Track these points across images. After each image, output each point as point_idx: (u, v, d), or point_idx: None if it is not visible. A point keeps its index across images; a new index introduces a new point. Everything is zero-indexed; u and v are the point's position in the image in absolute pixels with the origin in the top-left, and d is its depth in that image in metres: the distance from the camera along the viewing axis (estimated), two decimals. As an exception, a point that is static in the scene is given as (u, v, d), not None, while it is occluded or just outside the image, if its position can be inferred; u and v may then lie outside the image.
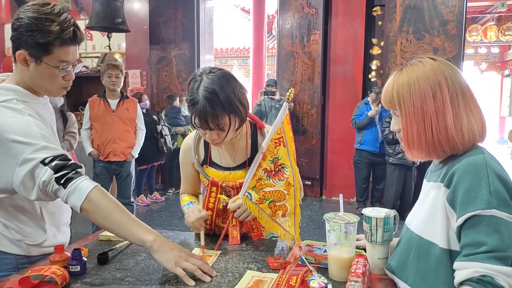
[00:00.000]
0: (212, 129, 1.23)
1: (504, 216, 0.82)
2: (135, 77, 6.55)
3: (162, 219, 4.87)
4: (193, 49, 6.49)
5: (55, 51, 1.11)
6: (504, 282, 0.79)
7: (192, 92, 1.22)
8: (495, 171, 0.85)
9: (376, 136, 4.78)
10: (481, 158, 0.88)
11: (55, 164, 1.06)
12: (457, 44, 4.80)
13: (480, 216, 0.83)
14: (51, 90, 1.20)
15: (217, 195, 1.39)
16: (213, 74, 1.23)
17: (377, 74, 5.44)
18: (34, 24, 1.08)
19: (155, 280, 1.09)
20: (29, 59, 1.12)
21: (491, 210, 0.82)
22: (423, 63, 0.95)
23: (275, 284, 1.05)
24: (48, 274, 1.02)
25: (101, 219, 1.09)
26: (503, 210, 0.82)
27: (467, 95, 0.92)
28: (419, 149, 0.94)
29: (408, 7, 4.93)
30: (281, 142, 1.32)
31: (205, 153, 1.44)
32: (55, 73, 1.14)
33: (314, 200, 5.52)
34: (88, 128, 3.73)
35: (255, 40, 9.37)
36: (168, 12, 6.47)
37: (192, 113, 1.23)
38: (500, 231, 0.81)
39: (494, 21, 10.36)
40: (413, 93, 0.92)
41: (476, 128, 0.92)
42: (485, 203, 0.82)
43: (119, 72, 3.62)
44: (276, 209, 1.32)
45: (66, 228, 1.40)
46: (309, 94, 5.63)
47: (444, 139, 0.91)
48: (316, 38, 5.53)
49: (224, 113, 1.21)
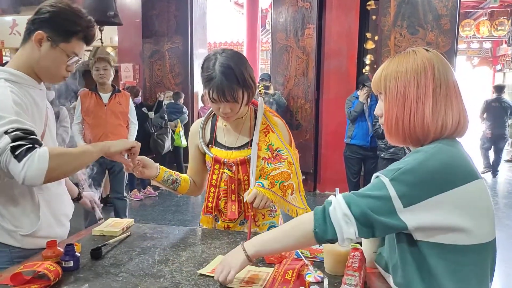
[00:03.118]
0: (228, 101, 1.33)
1: (389, 188, 0.85)
2: (127, 71, 6.49)
3: (155, 214, 4.85)
4: (186, 42, 6.44)
5: (73, 42, 1.21)
6: (332, 207, 0.90)
7: (209, 69, 1.33)
8: (429, 158, 0.86)
9: (366, 130, 4.79)
10: (429, 147, 0.90)
11: (15, 133, 1.04)
12: (451, 39, 4.82)
13: (377, 177, 0.90)
14: (54, 75, 1.25)
15: (219, 172, 1.47)
16: (226, 53, 1.36)
17: (371, 69, 5.44)
18: (68, 13, 1.20)
19: (150, 275, 1.08)
20: (46, 41, 1.19)
21: (385, 179, 0.87)
22: (415, 52, 0.96)
23: (271, 278, 1.05)
24: (41, 269, 1.00)
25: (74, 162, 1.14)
26: (393, 184, 0.85)
27: (451, 89, 0.92)
28: (396, 134, 0.95)
29: (403, 2, 4.92)
30: (269, 130, 1.46)
31: (211, 134, 1.53)
32: (65, 60, 1.22)
33: (308, 194, 5.53)
34: (79, 122, 3.67)
35: (249, 34, 9.33)
36: (161, 5, 6.41)
37: (210, 88, 1.32)
38: (376, 194, 0.87)
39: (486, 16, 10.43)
40: (399, 78, 0.94)
41: (451, 120, 0.91)
42: (388, 172, 0.88)
43: (107, 64, 3.56)
44: (286, 189, 1.40)
45: (66, 221, 1.38)
46: (303, 89, 5.62)
47: (420, 127, 0.91)
48: (310, 32, 5.51)
49: (239, 86, 1.33)
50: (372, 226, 0.87)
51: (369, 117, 4.76)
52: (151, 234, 1.42)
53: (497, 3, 8.91)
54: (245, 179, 1.44)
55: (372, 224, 0.87)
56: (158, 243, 1.32)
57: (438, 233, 0.86)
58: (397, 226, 0.86)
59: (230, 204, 1.47)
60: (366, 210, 0.86)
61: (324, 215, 0.91)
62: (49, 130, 1.31)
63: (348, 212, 0.88)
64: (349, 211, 0.88)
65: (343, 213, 0.88)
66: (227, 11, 12.83)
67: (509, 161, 8.80)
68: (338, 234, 0.89)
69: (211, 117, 1.56)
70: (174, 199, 5.42)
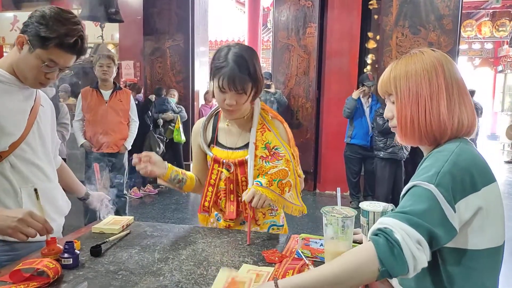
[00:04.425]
0: (237, 91, 1.32)
1: (437, 195, 0.81)
2: (128, 68, 6.48)
3: (155, 212, 4.85)
4: (188, 40, 6.42)
5: (50, 49, 1.19)
6: (401, 237, 0.76)
7: (220, 58, 1.33)
8: (458, 159, 0.85)
9: (366, 130, 4.78)
10: (453, 146, 0.88)
11: None
12: (452, 39, 4.80)
13: (418, 186, 0.84)
14: (27, 78, 1.24)
15: (218, 171, 1.46)
16: (240, 45, 1.38)
17: (372, 68, 5.43)
18: (46, 19, 1.18)
19: (149, 273, 1.07)
20: (26, 44, 1.20)
21: (430, 185, 0.82)
22: (422, 52, 0.96)
23: (271, 278, 1.05)
24: (40, 267, 1.00)
25: None
26: (440, 191, 0.81)
27: (462, 87, 0.93)
28: (412, 133, 0.94)
29: (405, 1, 4.91)
30: (265, 128, 1.45)
31: (213, 135, 1.52)
32: (39, 66, 1.20)
33: (308, 193, 5.52)
34: (80, 119, 3.67)
35: (250, 32, 9.33)
36: (162, 2, 6.39)
37: (220, 75, 1.32)
38: (427, 204, 0.80)
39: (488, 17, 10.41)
40: (410, 77, 0.93)
41: (466, 119, 0.92)
42: (428, 178, 0.83)
43: (111, 61, 3.56)
44: (283, 187, 1.39)
45: (58, 217, 1.38)
46: (304, 88, 5.61)
47: (436, 124, 0.91)
48: (312, 31, 5.50)
49: (249, 78, 1.33)
50: (433, 244, 0.79)
51: (369, 115, 4.76)
52: (151, 232, 1.41)
53: (499, 3, 8.89)
54: (242, 180, 1.44)
55: (434, 241, 0.79)
56: (158, 241, 1.32)
57: (461, 237, 0.84)
58: (453, 234, 0.82)
59: (229, 204, 1.46)
60: (428, 227, 0.78)
61: (392, 249, 0.77)
62: (38, 128, 1.31)
63: (419, 237, 0.77)
64: (420, 235, 0.77)
65: (415, 240, 0.77)
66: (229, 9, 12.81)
67: (509, 162, 8.80)
68: (410, 266, 0.77)
69: (213, 116, 1.56)
70: (174, 197, 5.41)
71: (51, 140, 1.41)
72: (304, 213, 1.46)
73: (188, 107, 6.36)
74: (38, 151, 1.31)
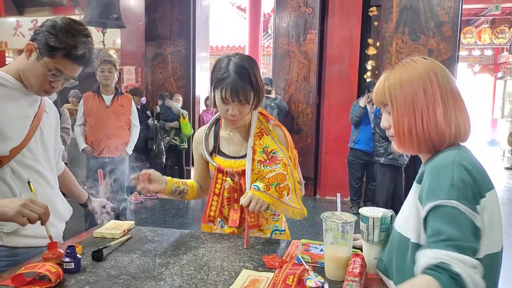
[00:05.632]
0: (240, 101, 1.34)
1: (463, 209, 0.82)
2: (130, 74, 6.52)
3: (155, 217, 4.85)
4: (189, 46, 6.46)
5: (57, 58, 1.21)
6: (461, 269, 0.77)
7: (221, 69, 1.34)
8: (462, 164, 0.86)
9: (370, 135, 4.79)
10: (452, 154, 0.89)
11: None
12: (452, 46, 4.83)
13: (441, 206, 0.84)
14: (32, 86, 1.26)
15: (222, 181, 1.47)
16: (239, 55, 1.39)
17: (372, 75, 5.45)
18: (57, 29, 1.20)
19: (150, 278, 1.08)
20: (34, 52, 1.22)
21: (451, 201, 0.83)
22: (415, 61, 0.97)
23: (271, 283, 1.05)
24: (42, 271, 1.00)
25: None
26: (462, 202, 0.82)
27: (456, 94, 0.94)
28: (410, 142, 0.95)
29: (405, 8, 4.94)
30: (263, 133, 1.47)
31: (214, 143, 1.52)
32: (45, 74, 1.22)
33: (308, 199, 5.52)
34: (81, 124, 3.68)
35: (251, 38, 9.36)
36: (164, 8, 6.43)
37: (222, 87, 1.33)
38: (459, 222, 0.82)
39: (488, 24, 10.45)
40: (404, 87, 0.94)
41: (463, 125, 0.93)
42: (446, 194, 0.83)
43: (112, 67, 3.59)
44: (282, 190, 1.40)
45: (58, 222, 1.38)
46: (305, 94, 5.63)
47: (434, 132, 0.92)
48: (312, 38, 5.53)
49: (251, 87, 1.35)
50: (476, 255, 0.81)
51: (373, 121, 4.76)
52: (152, 236, 1.42)
53: (499, 10, 8.94)
54: (245, 189, 1.43)
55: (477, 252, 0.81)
56: (159, 246, 1.32)
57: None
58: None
59: (232, 212, 1.47)
60: (471, 246, 0.81)
61: (457, 285, 0.76)
62: (41, 134, 1.32)
63: (472, 261, 0.78)
64: (471, 258, 0.79)
65: (471, 265, 0.78)
66: (230, 15, 12.88)
67: (508, 168, 8.79)
68: None
69: (214, 125, 1.56)
70: (174, 202, 5.41)
71: (54, 146, 1.42)
72: (304, 216, 1.46)
73: (189, 112, 6.38)
74: (39, 157, 1.32)
